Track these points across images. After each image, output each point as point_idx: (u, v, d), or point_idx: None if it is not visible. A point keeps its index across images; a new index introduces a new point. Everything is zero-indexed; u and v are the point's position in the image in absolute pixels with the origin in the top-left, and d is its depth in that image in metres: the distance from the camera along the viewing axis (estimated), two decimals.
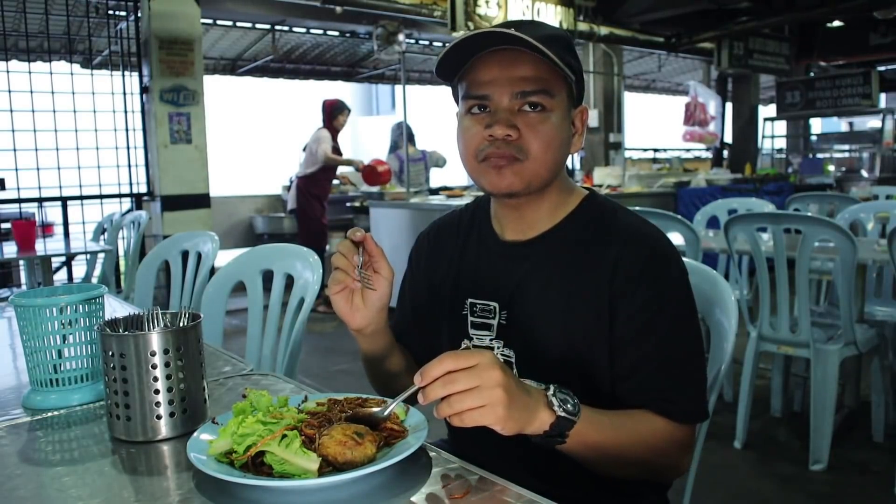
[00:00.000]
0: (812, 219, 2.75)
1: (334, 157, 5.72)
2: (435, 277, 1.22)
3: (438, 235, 1.26)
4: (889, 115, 8.72)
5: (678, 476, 1.09)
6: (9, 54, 4.70)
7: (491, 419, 0.81)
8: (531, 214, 1.11)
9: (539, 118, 1.02)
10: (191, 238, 2.38)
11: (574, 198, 1.13)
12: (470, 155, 1.07)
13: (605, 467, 0.98)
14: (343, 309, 1.06)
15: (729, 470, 2.69)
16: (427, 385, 0.81)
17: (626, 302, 1.01)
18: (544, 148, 1.03)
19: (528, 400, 0.85)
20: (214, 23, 6.64)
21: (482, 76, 1.03)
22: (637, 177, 7.34)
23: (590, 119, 8.49)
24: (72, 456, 0.94)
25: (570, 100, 1.07)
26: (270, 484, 0.77)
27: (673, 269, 1.04)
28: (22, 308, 1.06)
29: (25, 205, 4.90)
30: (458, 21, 5.84)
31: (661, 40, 8.26)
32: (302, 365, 1.75)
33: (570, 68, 1.02)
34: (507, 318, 1.10)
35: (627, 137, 8.40)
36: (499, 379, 0.81)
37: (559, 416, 0.87)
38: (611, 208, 1.11)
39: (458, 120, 1.10)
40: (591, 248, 1.06)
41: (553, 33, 1.04)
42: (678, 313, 1.03)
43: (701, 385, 1.04)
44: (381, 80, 9.22)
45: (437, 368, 0.81)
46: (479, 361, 0.81)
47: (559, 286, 1.06)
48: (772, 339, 2.79)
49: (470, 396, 0.80)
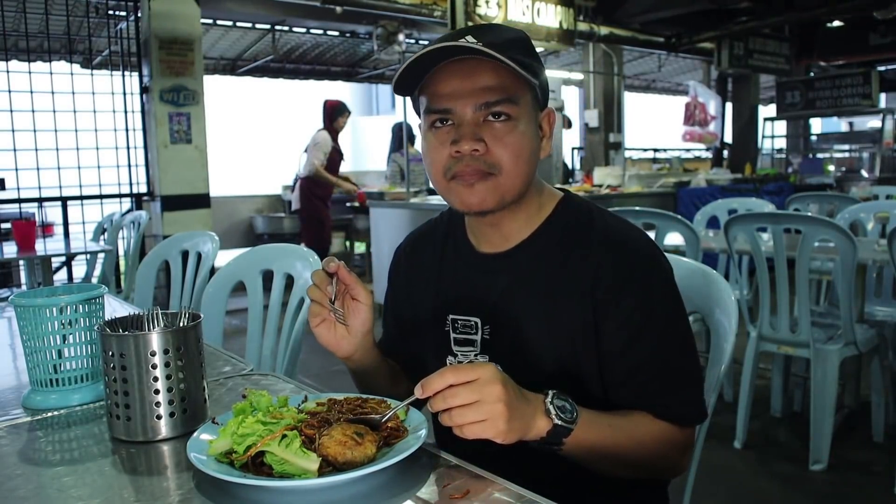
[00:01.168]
0: (812, 219, 2.75)
1: (325, 176, 5.69)
2: (415, 294, 1.20)
3: (414, 250, 1.23)
4: (889, 115, 8.71)
5: (677, 475, 1.09)
6: (9, 54, 4.70)
7: (491, 433, 0.82)
8: (508, 225, 1.07)
9: (505, 128, 0.99)
10: (191, 238, 2.38)
11: (549, 202, 1.10)
12: (438, 173, 1.03)
13: (603, 468, 0.98)
14: (328, 340, 1.05)
15: (729, 470, 2.69)
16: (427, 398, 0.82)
17: (612, 310, 1.00)
18: (514, 159, 0.99)
19: (527, 409, 0.86)
20: (214, 23, 6.64)
21: (442, 89, 0.99)
22: (637, 177, 7.33)
23: (590, 119, 8.48)
24: (72, 456, 0.94)
25: (535, 104, 1.03)
26: (270, 484, 0.77)
27: (657, 272, 1.03)
28: (22, 308, 1.06)
29: (25, 205, 4.90)
30: (458, 21, 5.84)
31: (661, 40, 8.26)
32: (302, 365, 1.74)
33: (531, 72, 0.98)
34: (490, 332, 1.08)
35: (627, 137, 8.41)
36: (499, 394, 0.81)
37: (556, 425, 0.87)
38: (587, 211, 1.08)
39: (422, 135, 1.06)
40: (571, 256, 1.04)
41: (512, 37, 1.01)
42: (667, 316, 1.02)
43: (697, 386, 1.03)
44: (381, 80, 9.23)
45: (438, 382, 0.81)
46: (480, 376, 0.81)
47: (541, 297, 1.04)
48: (772, 339, 2.78)
49: (471, 411, 0.81)
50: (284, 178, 7.67)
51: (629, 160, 8.83)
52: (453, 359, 1.13)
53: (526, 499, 0.76)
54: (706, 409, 1.05)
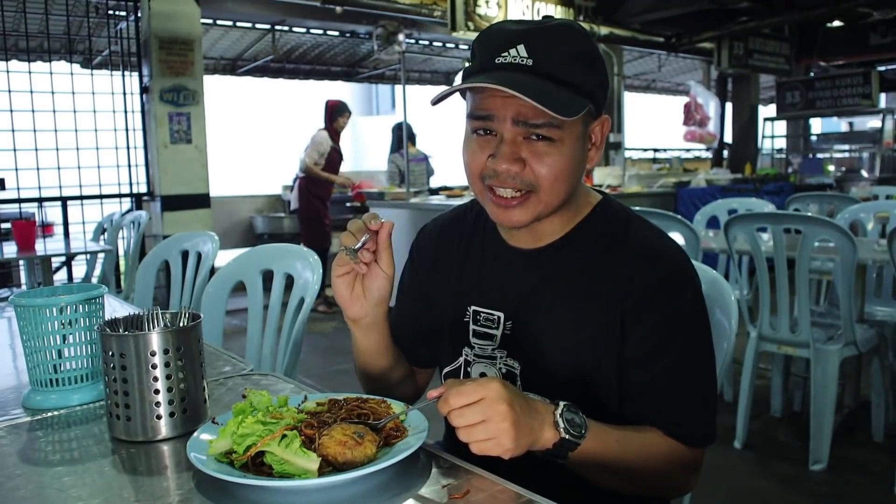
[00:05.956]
0: (812, 219, 2.75)
1: (316, 172, 5.68)
2: (436, 279, 1.19)
3: (441, 235, 1.21)
4: (889, 115, 8.71)
5: (683, 495, 1.07)
6: (9, 54, 4.70)
7: (498, 451, 0.82)
8: (541, 228, 1.05)
9: (547, 148, 0.95)
10: (191, 238, 2.38)
11: (586, 204, 1.07)
12: (474, 176, 1.01)
13: (607, 482, 0.97)
14: (343, 294, 1.04)
15: (729, 470, 2.69)
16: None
17: (639, 322, 0.98)
18: (553, 179, 0.96)
19: (534, 423, 0.85)
20: (214, 23, 6.63)
21: (485, 102, 0.96)
22: (637, 177, 7.34)
23: None
24: (72, 456, 0.94)
25: (586, 117, 0.98)
26: (270, 484, 0.77)
27: (689, 291, 1.01)
28: (22, 308, 1.06)
29: (25, 205, 4.90)
30: (458, 21, 5.84)
31: (661, 40, 8.26)
32: (302, 365, 1.75)
33: (584, 92, 0.94)
34: (512, 328, 1.07)
35: (627, 137, 8.41)
36: (505, 413, 0.81)
37: (562, 438, 0.86)
38: (624, 218, 1.06)
39: (465, 130, 1.03)
40: (604, 263, 1.02)
41: (570, 51, 0.95)
42: (692, 335, 1.00)
43: (711, 408, 1.01)
44: (381, 80, 9.22)
45: (442, 407, 0.82)
46: (485, 395, 0.81)
47: (568, 300, 1.03)
48: (772, 339, 2.78)
49: (477, 430, 0.81)
50: (284, 178, 7.66)
51: (629, 160, 8.82)
52: (469, 351, 1.11)
53: (526, 499, 0.76)
54: (715, 431, 1.02)
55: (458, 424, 0.81)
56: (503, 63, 0.95)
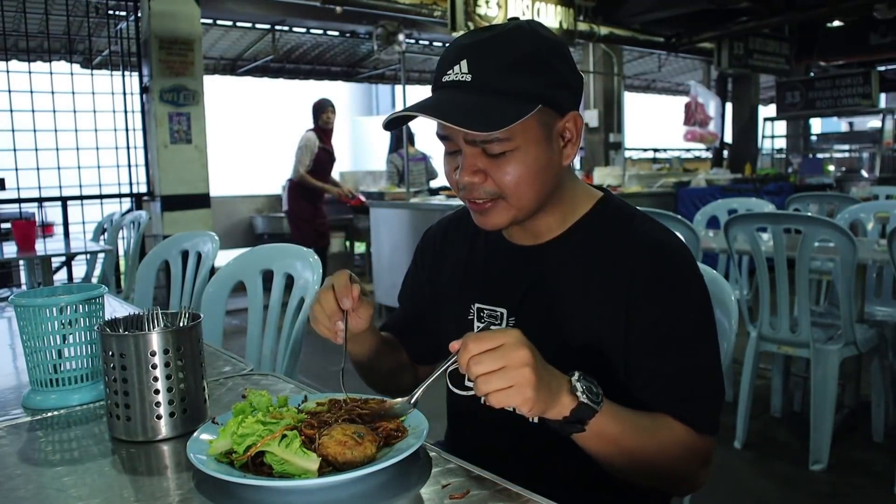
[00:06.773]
0: (812, 219, 2.75)
1: (311, 182, 5.62)
2: (440, 277, 1.20)
3: (446, 235, 1.24)
4: (889, 115, 8.72)
5: (693, 491, 1.07)
6: (9, 54, 4.70)
7: (518, 400, 0.80)
8: (538, 225, 1.07)
9: (504, 159, 0.97)
10: (191, 238, 2.38)
11: (585, 201, 1.09)
12: (454, 189, 1.05)
13: (619, 466, 0.95)
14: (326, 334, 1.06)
15: (729, 470, 2.69)
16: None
17: (642, 315, 0.99)
18: (515, 186, 0.98)
19: (552, 383, 0.84)
20: (214, 23, 6.64)
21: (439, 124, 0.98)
22: (637, 177, 7.34)
23: (590, 119, 8.47)
24: (72, 456, 0.94)
25: (547, 117, 0.98)
26: (270, 484, 0.77)
27: (692, 282, 1.02)
28: (22, 308, 1.06)
29: (25, 205, 4.90)
30: (458, 21, 5.84)
31: (661, 40, 8.26)
32: (302, 365, 1.74)
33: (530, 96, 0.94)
34: (516, 324, 1.07)
35: (627, 137, 8.41)
36: (526, 358, 0.80)
37: (581, 403, 0.85)
38: (628, 214, 1.07)
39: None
40: (607, 257, 1.03)
41: (515, 56, 0.95)
42: (697, 326, 1.01)
43: (717, 399, 1.02)
44: (381, 80, 9.22)
45: (462, 355, 0.80)
46: (504, 341, 0.80)
47: (572, 294, 1.03)
48: (772, 339, 2.78)
49: (495, 378, 0.79)
50: (284, 178, 7.66)
51: (629, 160, 8.83)
52: None
53: (526, 499, 0.76)
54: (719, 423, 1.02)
55: (476, 372, 0.79)
56: (447, 81, 0.97)
